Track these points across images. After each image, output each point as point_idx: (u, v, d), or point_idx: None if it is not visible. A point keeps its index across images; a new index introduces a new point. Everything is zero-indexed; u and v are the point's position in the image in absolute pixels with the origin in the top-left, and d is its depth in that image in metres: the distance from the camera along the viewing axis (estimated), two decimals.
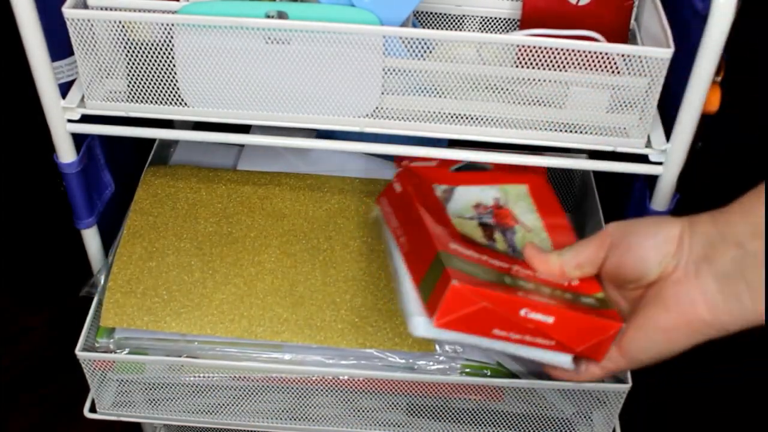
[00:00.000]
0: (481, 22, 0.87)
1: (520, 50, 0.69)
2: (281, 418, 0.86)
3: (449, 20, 0.88)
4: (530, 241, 0.72)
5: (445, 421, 0.85)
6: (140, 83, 0.72)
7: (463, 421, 0.85)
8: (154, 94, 0.73)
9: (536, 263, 0.68)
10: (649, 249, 0.62)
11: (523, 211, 0.80)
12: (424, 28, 0.87)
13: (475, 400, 0.82)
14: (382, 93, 0.72)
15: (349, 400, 0.84)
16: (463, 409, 0.84)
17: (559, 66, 0.70)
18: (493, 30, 0.87)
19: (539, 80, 0.71)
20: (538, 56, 0.69)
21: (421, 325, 0.64)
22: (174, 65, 0.71)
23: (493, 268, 0.67)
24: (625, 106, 0.71)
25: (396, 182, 0.79)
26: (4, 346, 1.38)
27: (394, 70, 0.71)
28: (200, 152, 0.97)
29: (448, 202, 0.79)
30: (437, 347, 0.80)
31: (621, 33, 0.79)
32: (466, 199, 0.81)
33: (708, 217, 0.61)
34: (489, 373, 0.80)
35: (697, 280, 0.60)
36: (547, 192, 0.83)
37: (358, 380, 0.81)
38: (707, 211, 0.61)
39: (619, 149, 0.73)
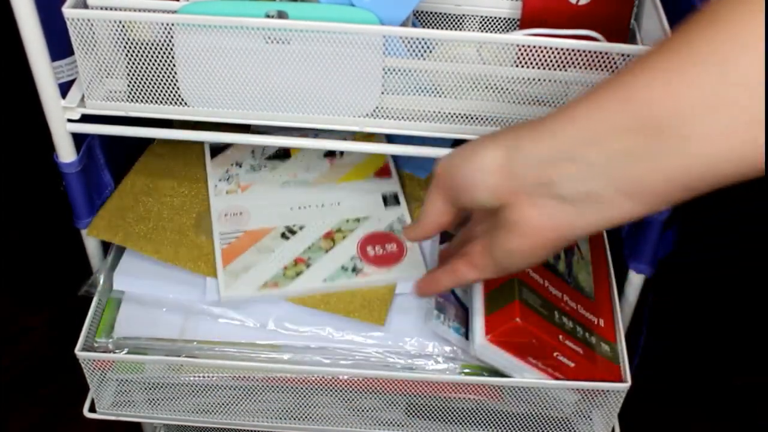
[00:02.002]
0: (481, 22, 0.87)
1: (520, 50, 0.69)
2: (281, 418, 0.86)
3: (449, 20, 0.88)
4: (579, 268, 0.84)
5: (444, 420, 0.85)
6: (140, 83, 0.72)
7: (463, 421, 0.85)
8: (154, 94, 0.73)
9: (405, 233, 0.71)
10: (477, 185, 0.58)
11: None
12: (424, 27, 0.87)
13: (474, 399, 0.82)
14: (382, 93, 0.72)
15: (348, 399, 0.84)
16: (463, 408, 0.84)
17: (559, 65, 0.70)
18: (493, 30, 0.87)
19: (539, 80, 0.71)
20: (538, 56, 0.69)
21: (480, 347, 0.76)
22: (174, 65, 0.71)
23: (549, 298, 0.78)
24: None
25: None
26: (4, 346, 1.38)
27: (394, 70, 0.71)
28: None
29: None
30: (435, 348, 0.80)
31: (621, 32, 0.79)
32: None
33: (529, 132, 0.55)
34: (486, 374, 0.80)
35: (536, 207, 0.55)
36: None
37: (357, 380, 0.81)
38: (526, 123, 0.56)
39: None
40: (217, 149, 0.96)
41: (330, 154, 0.95)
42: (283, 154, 0.96)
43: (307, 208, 0.89)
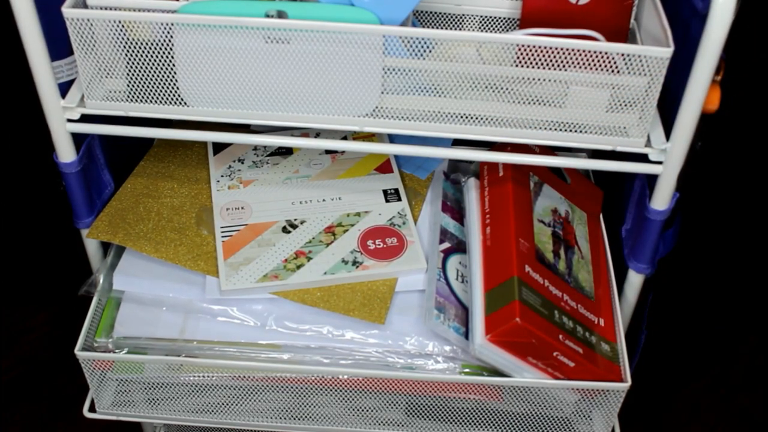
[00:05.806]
0: (481, 22, 0.87)
1: (520, 50, 0.69)
2: (281, 418, 0.86)
3: (449, 20, 0.88)
4: (579, 268, 0.84)
5: (444, 420, 0.85)
6: (140, 83, 0.72)
7: (463, 421, 0.85)
8: (154, 94, 0.73)
9: None
10: None
11: (580, 236, 0.87)
12: (424, 27, 0.87)
13: (474, 399, 0.82)
14: (382, 92, 0.72)
15: (348, 399, 0.84)
16: (463, 408, 0.84)
17: (559, 65, 0.70)
18: (493, 29, 0.87)
19: (539, 80, 0.71)
20: (538, 56, 0.69)
21: (480, 347, 0.77)
22: (174, 65, 0.71)
23: (550, 298, 0.78)
24: (625, 105, 0.71)
25: (501, 166, 0.88)
26: (3, 346, 1.38)
27: (393, 70, 0.71)
28: None
29: (537, 197, 0.85)
30: (435, 347, 0.80)
31: (621, 32, 0.79)
32: (549, 200, 0.87)
33: None
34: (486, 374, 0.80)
35: None
36: (598, 227, 0.91)
37: (357, 380, 0.81)
38: None
39: (619, 148, 0.73)
40: (220, 146, 0.96)
41: (332, 150, 0.96)
42: (285, 150, 0.96)
43: (309, 203, 0.90)
